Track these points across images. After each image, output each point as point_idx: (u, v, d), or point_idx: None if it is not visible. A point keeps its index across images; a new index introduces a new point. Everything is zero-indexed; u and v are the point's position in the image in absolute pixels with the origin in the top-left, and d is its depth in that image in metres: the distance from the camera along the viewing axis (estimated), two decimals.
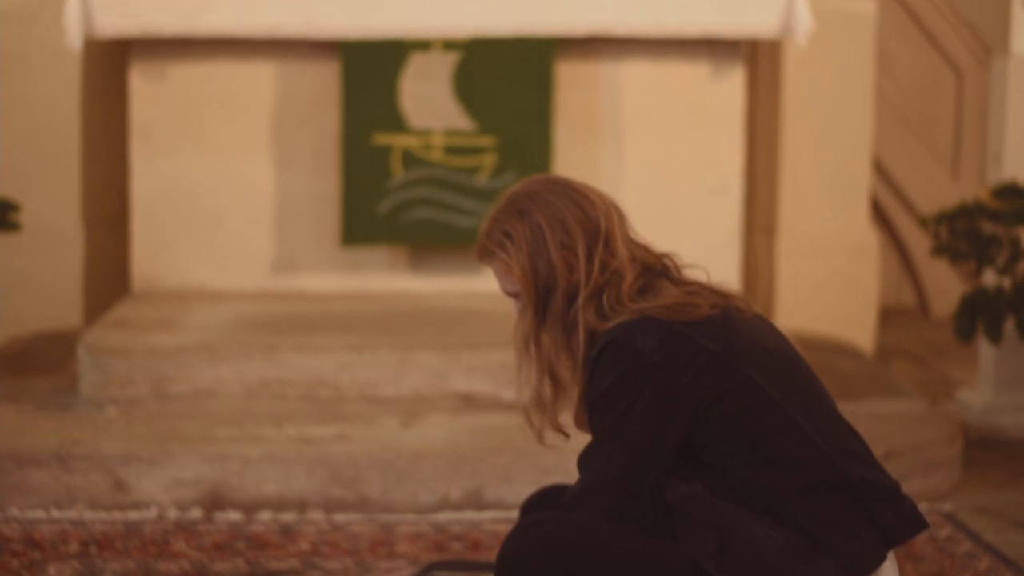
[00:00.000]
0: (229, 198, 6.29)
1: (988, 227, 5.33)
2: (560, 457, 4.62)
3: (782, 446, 2.67)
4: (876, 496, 2.72)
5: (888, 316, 7.57)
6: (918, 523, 2.78)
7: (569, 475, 4.58)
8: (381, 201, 6.07)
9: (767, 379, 2.69)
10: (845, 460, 2.71)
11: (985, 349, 5.80)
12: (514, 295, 2.82)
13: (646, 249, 2.82)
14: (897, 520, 2.74)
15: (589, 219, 2.75)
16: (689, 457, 2.71)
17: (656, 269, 2.79)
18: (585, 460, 2.75)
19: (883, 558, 2.69)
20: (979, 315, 5.20)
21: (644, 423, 2.63)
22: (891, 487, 2.76)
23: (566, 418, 2.90)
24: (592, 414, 2.71)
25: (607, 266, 2.73)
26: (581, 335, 2.73)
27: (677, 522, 2.67)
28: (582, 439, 2.93)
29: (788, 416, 2.68)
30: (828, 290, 6.76)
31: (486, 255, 2.83)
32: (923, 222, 5.42)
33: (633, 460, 2.64)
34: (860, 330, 6.80)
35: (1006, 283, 5.25)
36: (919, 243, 8.27)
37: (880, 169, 7.92)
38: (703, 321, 2.69)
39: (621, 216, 2.82)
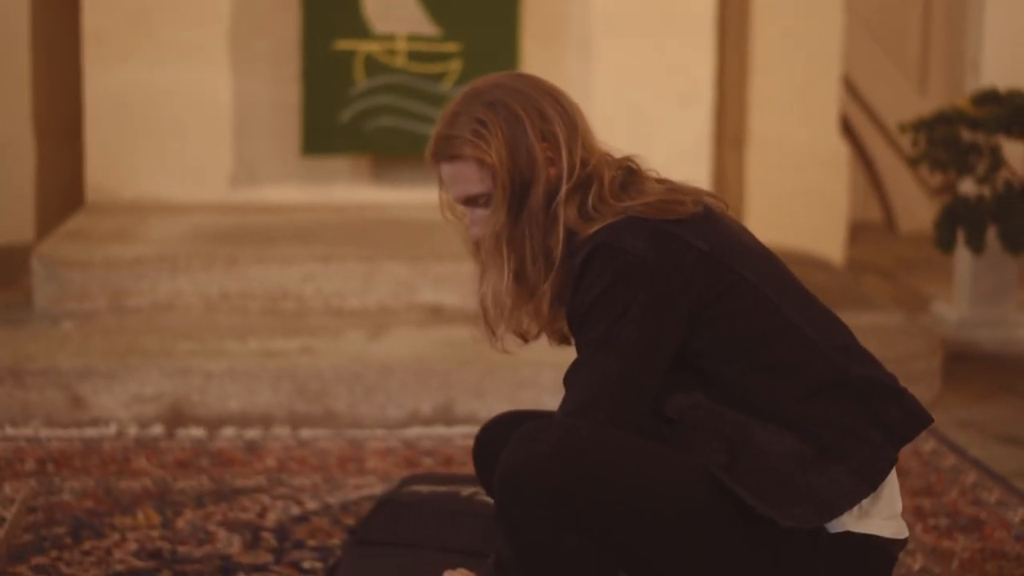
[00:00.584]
0: (186, 108, 6.11)
1: (967, 135, 5.20)
2: (535, 370, 4.51)
3: (781, 348, 2.52)
4: (879, 394, 2.58)
5: (856, 232, 7.47)
6: (923, 418, 2.63)
7: (544, 389, 4.48)
8: (343, 109, 5.91)
9: (759, 278, 2.53)
10: (844, 358, 2.57)
11: (962, 262, 5.70)
12: (473, 200, 2.61)
13: (613, 154, 2.65)
14: (902, 416, 2.59)
15: (565, 110, 2.57)
16: (685, 368, 2.55)
17: (631, 167, 2.62)
18: (576, 374, 2.54)
19: (894, 460, 2.55)
20: (960, 225, 5.07)
21: (640, 329, 2.47)
22: (891, 383, 2.62)
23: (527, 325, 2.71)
24: (582, 324, 2.52)
25: (586, 163, 2.55)
26: (560, 234, 2.54)
27: (682, 434, 2.52)
28: (538, 347, 2.76)
29: (784, 316, 2.53)
30: (798, 203, 6.65)
31: (451, 150, 2.54)
32: (901, 129, 5.28)
33: (631, 370, 2.47)
34: (829, 244, 6.69)
35: (986, 192, 5.13)
36: (886, 159, 8.17)
37: (847, 83, 7.80)
38: (688, 219, 2.52)
39: (582, 113, 2.64)
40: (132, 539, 3.66)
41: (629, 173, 2.59)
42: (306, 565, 3.50)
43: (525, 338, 2.70)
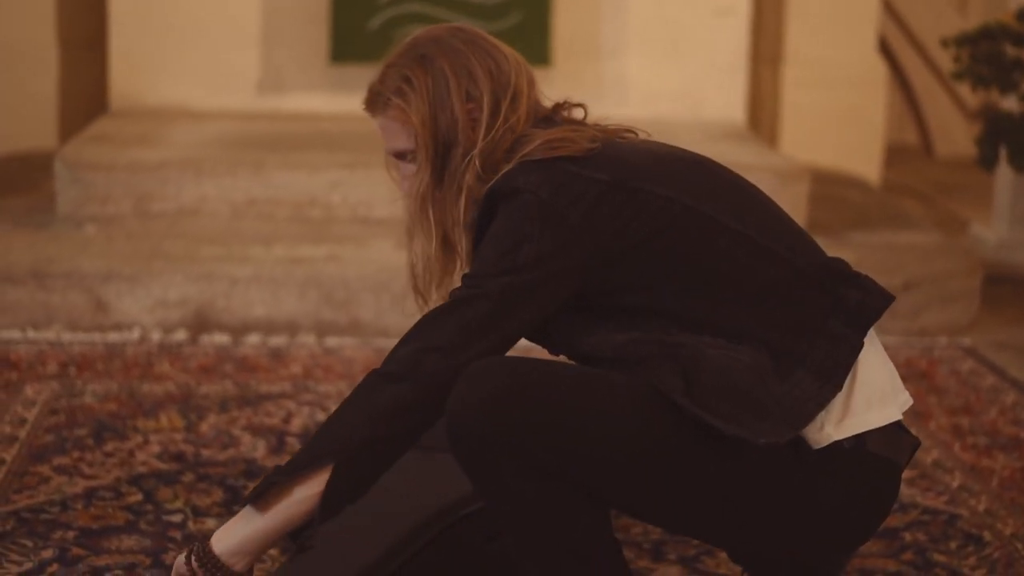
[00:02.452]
0: (212, 13, 6.01)
1: (1011, 51, 5.08)
2: None
3: (716, 255, 2.39)
4: (832, 280, 2.44)
5: (891, 155, 7.35)
6: (884, 296, 2.48)
7: None
8: (372, 16, 5.80)
9: (676, 190, 2.40)
10: (786, 250, 2.43)
11: (1002, 182, 5.59)
12: (401, 155, 2.51)
13: (542, 104, 2.53)
14: (862, 297, 2.43)
15: (501, 71, 2.46)
16: (616, 307, 2.42)
17: (538, 121, 2.50)
18: (446, 310, 2.37)
19: (857, 348, 2.42)
20: (1002, 142, 4.96)
21: (533, 262, 2.33)
22: (843, 268, 2.48)
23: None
24: (474, 262, 2.40)
25: (507, 123, 2.45)
26: (463, 200, 2.44)
27: (630, 369, 2.40)
28: None
29: (713, 220, 2.39)
30: (833, 122, 6.53)
31: (379, 105, 2.48)
32: (944, 44, 5.16)
33: (508, 288, 2.33)
34: (865, 164, 6.57)
35: None
36: (924, 80, 8.04)
37: (886, 2, 7.65)
38: (584, 155, 2.41)
39: (532, 79, 2.52)
40: (155, 442, 3.60)
41: (529, 127, 2.48)
42: None
43: None
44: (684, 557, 3.02)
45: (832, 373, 2.38)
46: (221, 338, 4.47)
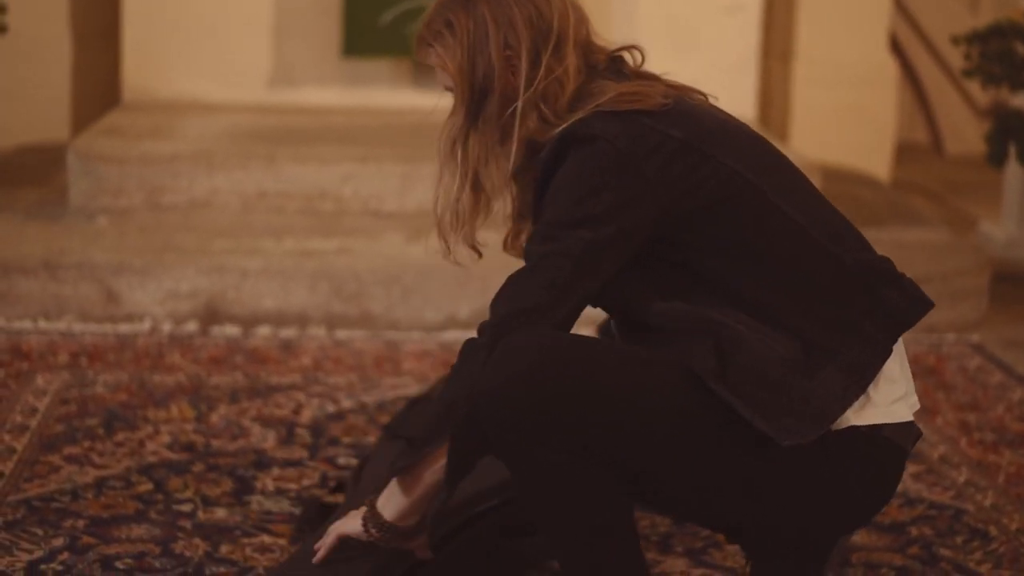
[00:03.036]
0: (225, 7, 6.02)
1: (1022, 49, 5.09)
2: None
3: (767, 236, 2.41)
4: (875, 279, 2.45)
5: (902, 153, 7.35)
6: (924, 302, 2.50)
7: None
8: (384, 10, 5.81)
9: (742, 164, 2.41)
10: (837, 245, 2.44)
11: (1011, 179, 5.59)
12: (451, 90, 2.55)
13: (600, 49, 2.54)
14: (903, 301, 2.46)
15: (542, 18, 2.47)
16: (664, 270, 2.44)
17: (600, 68, 2.51)
18: (526, 251, 2.42)
19: (887, 352, 2.43)
20: (1011, 139, 4.97)
21: (609, 213, 2.36)
22: (888, 268, 2.50)
23: (483, 236, 2.61)
24: (546, 208, 2.40)
25: (551, 71, 2.45)
26: (515, 144, 2.45)
27: (666, 341, 2.41)
28: (494, 258, 2.66)
29: (770, 202, 2.41)
30: (844, 120, 6.53)
31: (422, 46, 2.53)
32: (954, 42, 5.17)
33: (588, 246, 2.35)
34: (875, 162, 6.58)
35: None
36: (935, 79, 8.04)
37: (897, 0, 7.65)
38: (658, 110, 2.43)
39: (581, 18, 2.52)
40: (165, 432, 3.62)
41: (596, 77, 2.48)
42: (341, 461, 3.46)
43: (478, 252, 2.60)
44: (691, 550, 3.04)
45: (860, 374, 2.40)
46: (232, 330, 4.49)
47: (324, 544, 2.57)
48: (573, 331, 2.43)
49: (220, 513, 3.14)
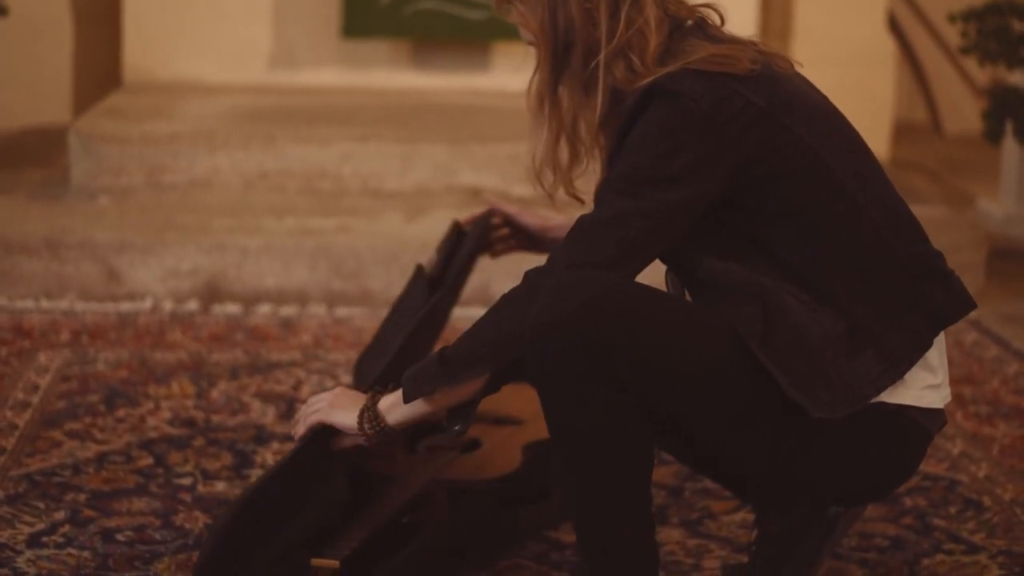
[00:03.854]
0: None
1: (1018, 26, 5.10)
2: None
3: (829, 215, 2.45)
4: (925, 274, 2.50)
5: (900, 132, 7.36)
6: (968, 302, 2.55)
7: None
8: None
9: (817, 140, 2.45)
10: (893, 234, 2.48)
11: (1009, 156, 5.61)
12: (534, 45, 2.58)
13: (680, 3, 2.57)
14: (947, 299, 2.52)
15: None
16: (724, 231, 2.48)
17: (687, 25, 2.54)
18: (599, 198, 2.44)
19: (927, 346, 2.47)
20: (1009, 116, 4.98)
21: (687, 173, 2.38)
22: (939, 264, 2.54)
23: (582, 185, 2.64)
24: (620, 160, 2.43)
25: (632, 23, 2.48)
26: (600, 95, 2.48)
27: (717, 297, 2.45)
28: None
29: (838, 182, 2.45)
30: (842, 99, 6.42)
31: (503, 4, 2.55)
32: (951, 19, 5.18)
33: (663, 208, 2.38)
34: (874, 141, 6.50)
35: None
36: (933, 58, 8.05)
37: None
38: (745, 75, 2.45)
39: None
40: (166, 408, 3.65)
41: (682, 32, 2.51)
42: None
43: (580, 199, 2.63)
44: (687, 521, 3.06)
45: (897, 363, 2.44)
46: (232, 308, 4.52)
47: (304, 423, 2.58)
48: None
49: (220, 486, 3.17)
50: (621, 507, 2.40)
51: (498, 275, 4.51)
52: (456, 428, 2.50)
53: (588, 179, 2.57)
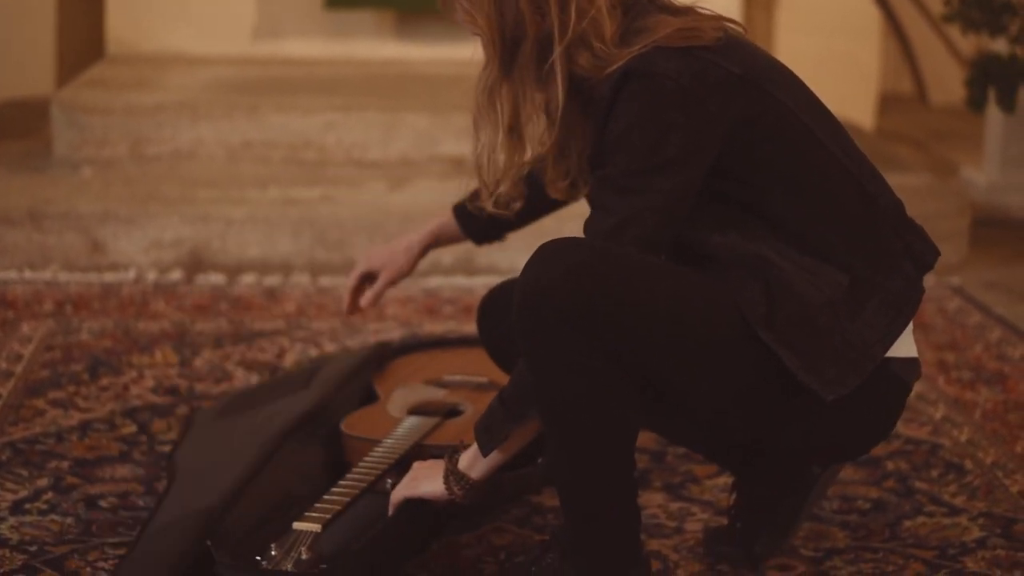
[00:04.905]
0: None
1: None
2: (557, 223, 4.43)
3: (816, 172, 2.45)
4: (903, 223, 2.51)
5: (886, 102, 7.37)
6: (936, 249, 2.57)
7: None
8: None
9: (793, 101, 2.45)
10: (873, 186, 2.50)
11: (992, 124, 5.61)
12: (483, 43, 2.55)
13: None
14: (924, 247, 2.52)
15: None
16: (718, 201, 2.48)
17: (642, 1, 2.52)
18: (607, 197, 2.41)
19: (922, 290, 2.49)
20: (991, 84, 4.98)
21: (679, 154, 2.37)
22: (906, 214, 2.56)
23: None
24: (615, 152, 2.41)
25: (584, 13, 2.46)
26: (560, 91, 2.45)
27: (717, 273, 2.45)
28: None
29: (819, 141, 2.45)
30: (827, 68, 6.52)
31: (448, 7, 2.49)
32: None
33: (667, 196, 2.39)
34: (859, 111, 6.59)
35: (1019, 52, 5.03)
36: (918, 28, 8.04)
37: None
38: (714, 45, 2.45)
39: None
40: (149, 376, 3.65)
41: (636, 11, 2.49)
42: None
43: (523, 197, 2.62)
44: (669, 484, 3.07)
45: (901, 308, 2.45)
46: (216, 278, 4.51)
47: (392, 505, 2.58)
48: None
49: None
50: (604, 472, 2.41)
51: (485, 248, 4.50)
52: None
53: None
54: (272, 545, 2.45)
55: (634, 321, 2.33)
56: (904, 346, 2.48)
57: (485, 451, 2.47)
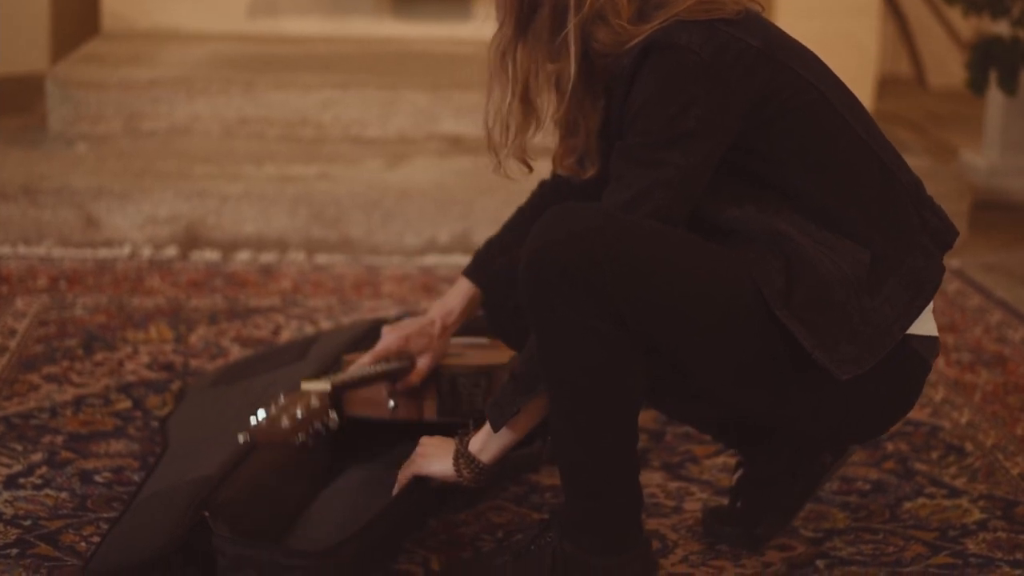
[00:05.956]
0: None
1: None
2: None
3: (837, 147, 2.42)
4: (922, 200, 2.49)
5: (885, 85, 7.34)
6: (954, 228, 2.54)
7: None
8: None
9: (813, 75, 2.43)
10: (893, 161, 2.48)
11: (993, 107, 5.58)
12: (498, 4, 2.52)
13: None
14: (942, 225, 2.50)
15: None
16: (738, 174, 2.44)
17: None
18: (627, 169, 2.37)
19: (943, 269, 2.46)
20: (993, 66, 4.96)
21: (699, 127, 2.34)
22: (925, 191, 2.53)
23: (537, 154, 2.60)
24: (634, 124, 2.38)
25: None
26: (572, 65, 2.42)
27: (737, 246, 2.42)
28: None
29: (839, 115, 2.43)
30: (826, 49, 6.42)
31: None
32: None
33: (687, 168, 2.34)
34: (858, 91, 6.46)
35: (1021, 35, 5.01)
36: (918, 11, 8.02)
37: None
38: (734, 18, 2.42)
39: None
40: (144, 352, 3.62)
41: None
42: None
43: (529, 166, 2.59)
44: (668, 464, 3.05)
45: (923, 286, 2.43)
46: (211, 255, 4.49)
47: (399, 482, 2.57)
48: None
49: None
50: (608, 444, 2.38)
51: (482, 222, 4.50)
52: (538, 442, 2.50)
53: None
54: (282, 394, 2.47)
55: (641, 284, 2.30)
56: (923, 324, 2.46)
57: (496, 425, 2.45)
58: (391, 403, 2.69)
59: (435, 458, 2.53)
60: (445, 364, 2.76)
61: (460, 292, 2.80)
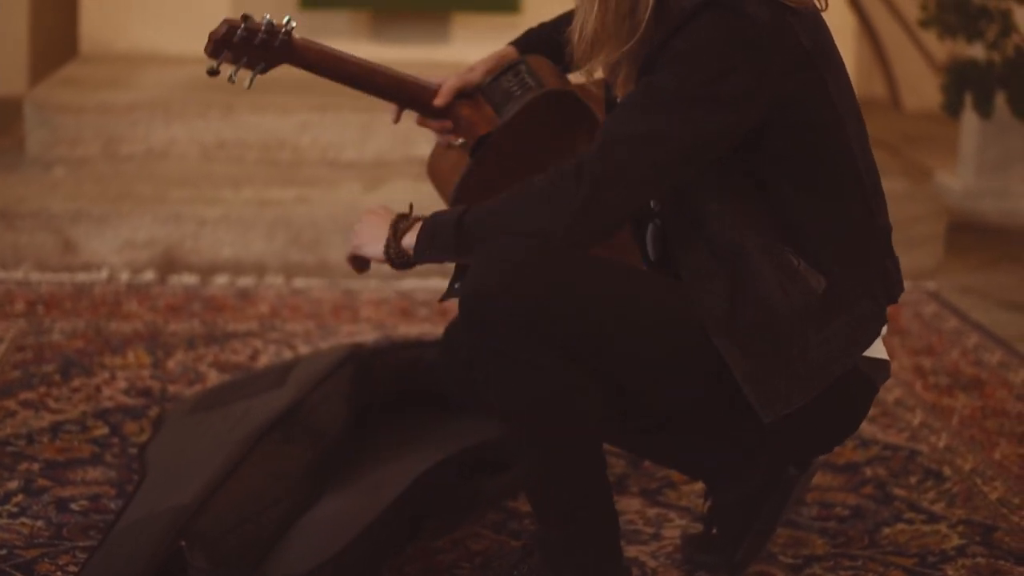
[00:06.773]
0: None
1: None
2: None
3: (835, 174, 2.41)
4: (888, 249, 2.51)
5: (860, 106, 7.35)
6: (901, 283, 2.56)
7: None
8: None
9: (839, 96, 2.41)
10: (878, 205, 2.48)
11: (968, 130, 5.61)
12: None
13: None
14: (896, 277, 2.52)
15: None
16: (731, 168, 2.42)
17: None
18: (637, 103, 2.33)
19: (885, 322, 2.47)
20: (968, 89, 4.98)
21: (730, 95, 2.30)
22: (891, 241, 2.54)
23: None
24: (669, 67, 2.32)
25: None
26: (649, 4, 2.38)
27: (691, 252, 2.41)
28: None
29: (847, 142, 2.41)
30: None
31: None
32: None
33: (699, 133, 2.31)
34: None
35: (996, 58, 5.03)
36: (892, 33, 8.05)
37: None
38: (801, 10, 2.41)
39: None
40: (122, 378, 3.61)
41: None
42: None
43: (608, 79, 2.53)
44: (646, 490, 3.05)
45: (866, 334, 2.44)
46: (189, 279, 4.48)
47: (347, 258, 2.62)
48: None
49: None
50: (575, 471, 2.39)
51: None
52: (456, 287, 2.45)
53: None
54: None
55: (579, 318, 2.30)
56: (873, 347, 2.46)
57: (417, 255, 2.45)
58: (459, 140, 2.68)
59: (371, 240, 2.54)
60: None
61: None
